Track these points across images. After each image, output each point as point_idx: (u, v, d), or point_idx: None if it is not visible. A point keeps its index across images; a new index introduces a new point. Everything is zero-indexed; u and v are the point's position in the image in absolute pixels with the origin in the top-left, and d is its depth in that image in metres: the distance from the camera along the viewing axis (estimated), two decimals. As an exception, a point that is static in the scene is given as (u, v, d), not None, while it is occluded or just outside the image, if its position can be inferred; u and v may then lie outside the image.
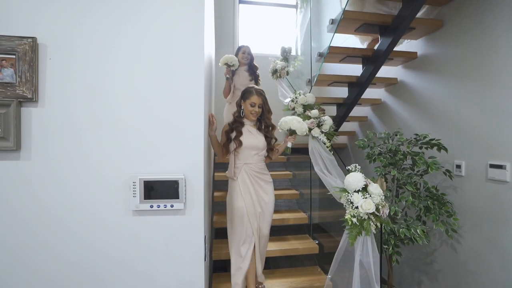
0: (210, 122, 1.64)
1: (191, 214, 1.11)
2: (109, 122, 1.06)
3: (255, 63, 2.72)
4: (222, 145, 1.74)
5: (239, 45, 2.79)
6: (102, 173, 1.06)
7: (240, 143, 1.66)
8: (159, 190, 1.07)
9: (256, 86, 1.76)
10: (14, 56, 0.99)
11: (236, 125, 1.71)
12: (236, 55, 2.62)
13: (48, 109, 1.03)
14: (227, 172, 1.76)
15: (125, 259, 1.08)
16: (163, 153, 1.09)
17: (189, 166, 1.11)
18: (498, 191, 1.68)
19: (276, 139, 1.80)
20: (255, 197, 1.70)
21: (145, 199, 1.06)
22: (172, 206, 1.08)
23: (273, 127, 1.77)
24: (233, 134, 1.69)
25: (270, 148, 1.76)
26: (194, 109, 1.11)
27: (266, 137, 1.73)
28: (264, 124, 1.74)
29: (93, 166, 1.06)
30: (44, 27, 1.03)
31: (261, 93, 1.70)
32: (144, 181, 1.06)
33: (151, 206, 1.07)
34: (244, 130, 1.70)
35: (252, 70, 2.65)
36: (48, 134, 1.03)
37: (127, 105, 1.07)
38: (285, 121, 1.73)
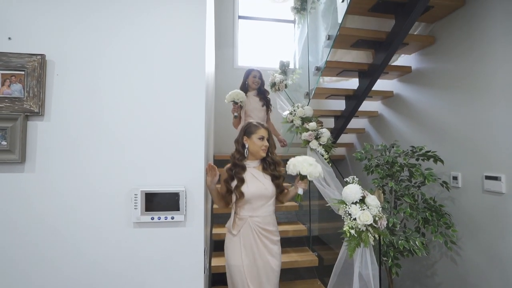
0: (209, 173, 1.35)
1: (191, 226, 1.12)
2: (112, 135, 1.09)
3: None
4: (222, 196, 1.50)
5: (249, 68, 2.61)
6: (105, 185, 1.08)
7: (241, 195, 1.39)
8: (160, 202, 1.09)
9: (258, 121, 1.56)
10: (23, 72, 1.03)
11: (237, 170, 1.44)
12: (245, 78, 2.55)
13: (54, 123, 1.06)
14: (227, 224, 1.50)
15: (125, 270, 1.09)
16: (164, 165, 1.12)
17: (190, 178, 1.13)
18: (494, 203, 1.70)
19: (284, 178, 1.53)
20: (259, 259, 1.41)
21: (146, 211, 1.08)
22: (172, 218, 1.09)
23: (279, 163, 1.52)
24: (234, 183, 1.43)
25: (280, 191, 1.50)
26: (195, 123, 1.15)
27: (273, 177, 1.46)
28: (270, 161, 1.48)
29: (96, 178, 1.08)
30: (53, 44, 1.07)
31: (264, 126, 1.51)
32: (146, 193, 1.08)
33: (152, 218, 1.08)
34: (247, 175, 1.44)
35: (263, 95, 2.55)
36: (53, 147, 1.06)
37: (130, 119, 1.11)
38: (294, 164, 1.41)
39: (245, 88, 2.55)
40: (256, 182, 1.43)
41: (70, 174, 1.06)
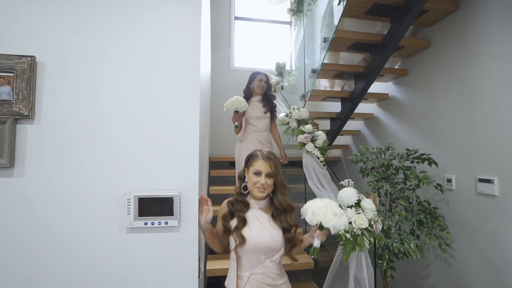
0: (201, 209, 1.13)
1: (185, 231, 1.11)
2: (105, 140, 1.07)
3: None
4: (217, 236, 1.21)
5: (255, 71, 2.39)
6: (96, 190, 1.06)
7: (242, 240, 1.11)
8: (154, 207, 1.07)
9: (265, 149, 1.22)
10: (12, 74, 1.00)
11: (238, 207, 1.16)
12: (250, 82, 2.35)
13: (44, 126, 1.04)
14: (226, 281, 1.22)
15: (117, 277, 1.06)
16: (158, 170, 1.10)
17: (184, 182, 1.11)
18: (487, 205, 1.71)
19: (297, 226, 1.21)
20: None
21: (139, 216, 1.06)
22: (166, 223, 1.08)
23: (291, 209, 1.17)
24: (233, 222, 1.16)
25: (292, 246, 1.17)
26: (189, 126, 1.13)
27: (284, 230, 1.14)
28: (279, 206, 1.15)
29: (87, 183, 1.06)
30: (43, 46, 1.05)
31: (269, 157, 1.16)
32: (139, 198, 1.06)
33: (145, 223, 1.06)
34: (250, 217, 1.16)
35: (268, 100, 2.32)
36: (43, 151, 1.03)
37: (122, 122, 1.09)
38: (314, 211, 1.07)
39: (249, 92, 2.35)
40: (261, 228, 1.13)
41: (60, 179, 1.04)
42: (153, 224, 1.07)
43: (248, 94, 2.33)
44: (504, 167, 1.62)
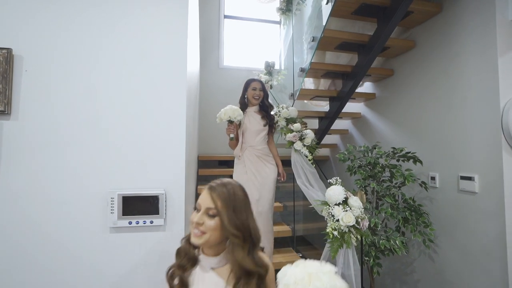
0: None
1: (171, 230, 1.09)
2: (87, 137, 1.04)
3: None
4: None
5: (249, 79, 2.16)
6: (78, 189, 1.02)
7: None
8: (138, 206, 1.04)
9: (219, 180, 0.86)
10: (-14, 67, 0.95)
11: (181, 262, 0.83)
12: (244, 91, 2.13)
13: (22, 122, 0.99)
14: None
15: (101, 278, 1.03)
16: (143, 168, 1.07)
17: (170, 180, 1.09)
18: (468, 202, 1.77)
19: None
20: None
21: (123, 215, 1.03)
22: (151, 222, 1.05)
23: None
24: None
25: None
26: (175, 125, 1.11)
27: None
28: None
29: (69, 181, 1.02)
30: (21, 38, 1.00)
31: (215, 188, 0.81)
32: (123, 197, 1.03)
33: (130, 223, 1.04)
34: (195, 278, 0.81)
35: (265, 110, 2.11)
36: (20, 148, 0.99)
37: (106, 120, 1.05)
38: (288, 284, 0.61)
39: (244, 102, 2.13)
40: None
41: (39, 177, 0.99)
42: (137, 224, 1.04)
43: (243, 105, 2.12)
44: (483, 165, 1.68)
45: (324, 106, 2.98)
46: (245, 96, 2.14)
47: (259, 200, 1.95)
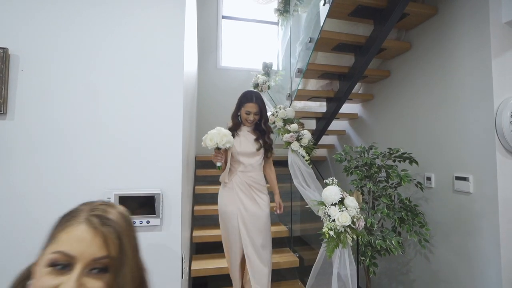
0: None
1: (168, 230, 1.09)
2: (84, 137, 1.04)
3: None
4: None
5: (245, 93, 1.83)
6: (75, 189, 1.02)
7: None
8: (135, 206, 1.04)
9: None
10: (-18, 67, 0.95)
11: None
12: (238, 108, 1.82)
13: (18, 122, 0.99)
14: None
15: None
16: (140, 168, 1.07)
17: (167, 180, 1.09)
18: (463, 202, 1.79)
19: None
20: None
21: (119, 215, 1.03)
22: (148, 222, 1.05)
23: None
24: None
25: None
26: (172, 125, 1.11)
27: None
28: None
29: (65, 181, 1.02)
30: (17, 38, 1.00)
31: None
32: (119, 197, 1.03)
33: (126, 223, 1.04)
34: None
35: (262, 136, 1.81)
36: (16, 148, 0.98)
37: (102, 119, 1.05)
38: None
39: (237, 122, 1.84)
40: None
41: (35, 177, 0.99)
42: (134, 224, 1.04)
43: (236, 125, 1.82)
44: (478, 166, 1.70)
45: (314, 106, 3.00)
46: (238, 114, 1.83)
47: (248, 246, 1.68)
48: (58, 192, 1.01)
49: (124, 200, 1.03)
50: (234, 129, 1.79)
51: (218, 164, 1.61)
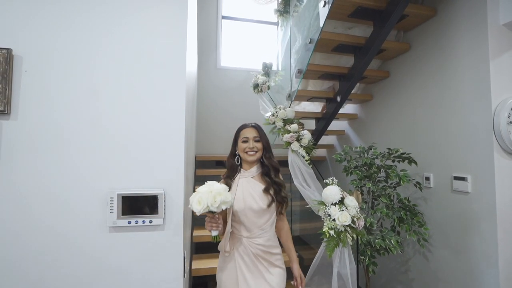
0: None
1: (170, 230, 1.10)
2: (87, 137, 1.04)
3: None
4: None
5: (241, 126, 1.37)
6: (78, 188, 1.03)
7: None
8: (138, 206, 1.05)
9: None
10: (-14, 68, 0.95)
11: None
12: (234, 143, 1.36)
13: (21, 122, 1.00)
14: None
15: (100, 277, 1.04)
16: (143, 168, 1.08)
17: (169, 180, 1.10)
18: (461, 202, 1.81)
19: None
20: None
21: (122, 215, 1.04)
22: (150, 221, 1.06)
23: None
24: None
25: None
26: (174, 125, 1.12)
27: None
28: None
29: (68, 181, 1.02)
30: (21, 39, 1.01)
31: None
32: (122, 197, 1.04)
33: (129, 222, 1.05)
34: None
35: (269, 177, 1.31)
36: (20, 148, 0.99)
37: (105, 119, 1.06)
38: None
39: (235, 164, 1.35)
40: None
41: (38, 177, 1.00)
42: (137, 223, 1.05)
43: (233, 167, 1.34)
44: (476, 166, 1.72)
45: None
46: (236, 151, 1.35)
47: None
48: (61, 192, 1.01)
49: (126, 200, 1.04)
50: (231, 176, 1.33)
51: (214, 233, 1.17)
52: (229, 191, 1.17)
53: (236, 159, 1.36)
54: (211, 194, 1.08)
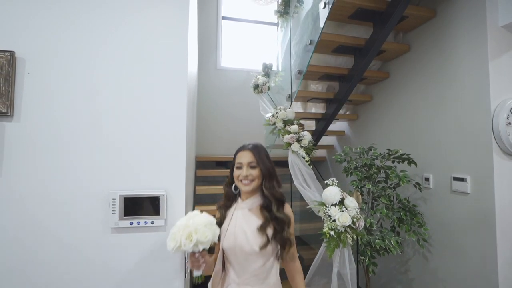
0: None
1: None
2: (89, 139, 1.05)
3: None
4: None
5: (238, 148, 1.13)
6: (80, 190, 1.04)
7: None
8: (140, 207, 1.06)
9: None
10: (-11, 70, 0.96)
11: None
12: (232, 170, 1.11)
13: (24, 124, 1.01)
14: None
15: (101, 278, 1.05)
16: (144, 169, 1.09)
17: (171, 181, 1.11)
18: (460, 202, 1.82)
19: None
20: None
21: (124, 216, 1.05)
22: (152, 222, 1.07)
23: None
24: None
25: None
26: (176, 126, 1.13)
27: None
28: None
29: (71, 182, 1.03)
30: (23, 41, 1.01)
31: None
32: (124, 198, 1.05)
33: (131, 223, 1.05)
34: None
35: (269, 210, 1.05)
36: (22, 150, 1.00)
37: (107, 121, 1.07)
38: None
39: (231, 191, 1.13)
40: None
41: (41, 178, 1.01)
42: (139, 224, 1.06)
43: (228, 197, 1.14)
44: (475, 166, 1.72)
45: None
46: (233, 179, 1.11)
47: None
48: (63, 193, 1.02)
49: (128, 201, 1.05)
50: (228, 205, 1.12)
51: (196, 273, 0.94)
52: (221, 223, 1.03)
53: (233, 186, 1.10)
54: (186, 230, 0.85)
